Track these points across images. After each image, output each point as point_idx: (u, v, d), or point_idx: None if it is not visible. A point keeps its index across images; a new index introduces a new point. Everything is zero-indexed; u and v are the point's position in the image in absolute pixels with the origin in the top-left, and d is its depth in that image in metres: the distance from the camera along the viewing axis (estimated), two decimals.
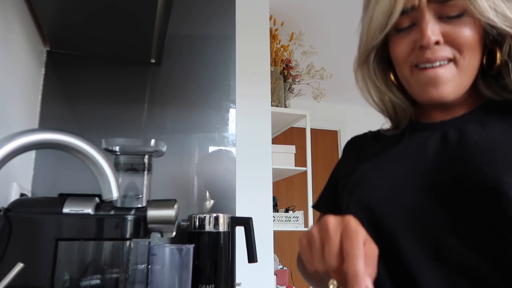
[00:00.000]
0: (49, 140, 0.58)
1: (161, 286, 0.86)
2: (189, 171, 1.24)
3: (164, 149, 0.83)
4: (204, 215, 1.06)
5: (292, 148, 2.37)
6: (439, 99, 0.57)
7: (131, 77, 1.24)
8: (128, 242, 0.75)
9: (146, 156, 0.83)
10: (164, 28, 1.07)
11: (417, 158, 0.58)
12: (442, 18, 0.56)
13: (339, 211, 0.68)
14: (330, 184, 0.78)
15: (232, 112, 1.32)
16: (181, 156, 1.23)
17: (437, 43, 0.55)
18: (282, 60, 2.41)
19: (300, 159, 2.43)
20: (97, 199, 0.77)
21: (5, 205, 0.73)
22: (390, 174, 0.59)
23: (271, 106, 2.10)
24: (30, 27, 1.00)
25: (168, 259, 0.87)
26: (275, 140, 2.41)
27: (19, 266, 0.54)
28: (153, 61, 1.25)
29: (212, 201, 1.19)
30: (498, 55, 0.57)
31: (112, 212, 0.76)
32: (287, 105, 2.44)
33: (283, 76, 2.42)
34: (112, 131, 1.18)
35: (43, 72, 1.15)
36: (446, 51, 0.56)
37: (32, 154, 1.09)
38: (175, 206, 0.80)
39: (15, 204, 0.75)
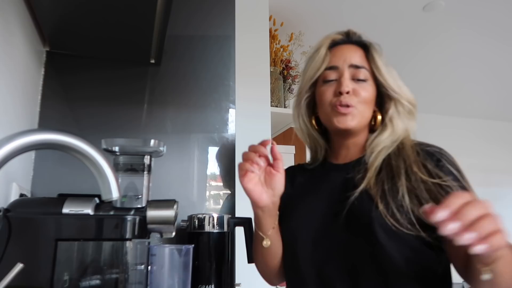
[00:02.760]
0: (49, 141, 0.58)
1: (161, 287, 0.86)
2: (189, 171, 1.24)
3: (163, 149, 0.83)
4: (204, 215, 1.06)
5: (291, 149, 2.37)
6: (346, 127, 0.83)
7: (130, 78, 1.24)
8: (127, 243, 0.75)
9: (146, 157, 0.83)
10: (163, 29, 1.07)
11: (328, 193, 0.83)
12: (354, 79, 0.84)
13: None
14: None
15: (232, 112, 1.32)
16: (180, 157, 1.23)
17: (347, 92, 0.82)
18: (281, 61, 2.41)
19: (299, 160, 2.43)
20: (96, 199, 0.77)
21: (5, 206, 0.74)
22: (309, 205, 0.84)
23: (271, 106, 2.10)
24: (29, 28, 1.00)
25: (167, 259, 0.87)
26: (275, 140, 2.40)
27: (19, 266, 0.54)
28: (152, 61, 1.25)
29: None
30: (378, 117, 0.86)
31: (111, 213, 0.76)
32: (286, 106, 2.44)
33: (283, 76, 2.42)
34: (112, 131, 1.18)
35: (42, 72, 1.15)
36: (352, 99, 0.82)
37: (31, 154, 1.09)
38: (175, 207, 0.80)
39: (15, 205, 0.75)
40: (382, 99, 0.87)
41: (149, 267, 0.85)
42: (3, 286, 0.53)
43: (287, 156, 2.34)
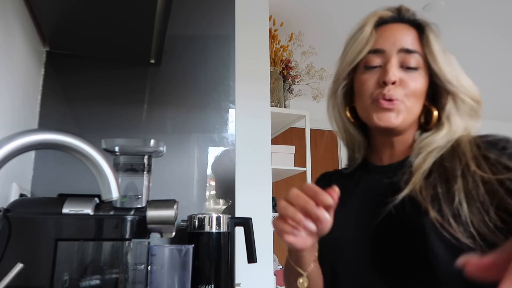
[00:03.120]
0: (49, 141, 0.58)
1: (161, 287, 0.86)
2: (189, 171, 1.24)
3: (163, 149, 0.83)
4: (204, 215, 1.06)
5: (291, 149, 2.37)
6: (387, 125, 0.70)
7: (130, 78, 1.24)
8: (127, 243, 0.75)
9: (146, 157, 0.83)
10: (163, 29, 1.07)
11: (369, 199, 0.71)
12: (402, 67, 0.70)
13: None
14: None
15: (232, 112, 1.32)
16: (180, 157, 1.23)
17: (393, 83, 0.69)
18: (281, 60, 2.41)
19: (299, 160, 2.43)
20: (96, 199, 0.77)
21: (5, 206, 0.73)
22: (348, 214, 0.71)
23: (271, 106, 2.10)
24: (29, 28, 1.00)
25: (167, 259, 0.87)
26: (275, 141, 2.41)
27: (19, 266, 0.54)
28: (152, 61, 1.25)
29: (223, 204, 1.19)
30: (435, 113, 0.72)
31: (111, 213, 0.76)
32: (286, 106, 2.44)
33: (283, 76, 2.42)
34: (112, 131, 1.18)
35: (42, 72, 1.15)
36: (398, 92, 0.69)
37: (31, 154, 1.09)
38: (175, 207, 0.80)
39: (15, 205, 0.75)
40: (437, 91, 0.72)
41: (149, 267, 0.85)
42: (3, 286, 0.53)
43: (287, 156, 2.35)
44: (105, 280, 0.75)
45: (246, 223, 1.08)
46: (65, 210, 0.73)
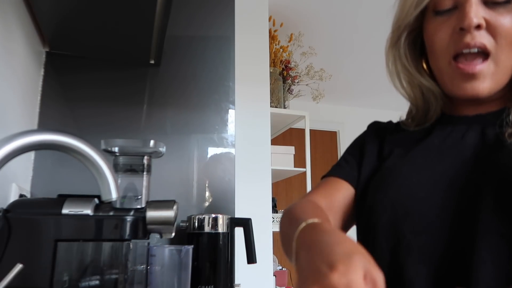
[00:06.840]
0: (48, 141, 0.58)
1: (160, 287, 0.86)
2: (188, 172, 1.24)
3: (163, 150, 0.83)
4: (203, 216, 1.06)
5: (291, 149, 2.37)
6: (473, 96, 0.54)
7: (130, 78, 1.24)
8: (127, 243, 0.75)
9: (145, 157, 0.83)
10: (163, 29, 1.07)
11: (455, 155, 0.54)
12: (487, 3, 0.53)
13: (357, 181, 0.64)
14: (353, 154, 0.69)
15: (231, 113, 1.32)
16: (180, 157, 1.24)
17: (478, 27, 0.52)
18: (281, 61, 2.41)
19: (299, 160, 2.43)
20: (96, 200, 0.77)
21: (4, 206, 0.73)
22: (427, 171, 0.55)
23: (270, 107, 2.11)
24: (29, 28, 1.00)
25: (167, 260, 0.87)
26: (274, 141, 2.41)
27: (18, 267, 0.54)
28: (152, 62, 1.25)
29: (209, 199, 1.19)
30: None
31: (111, 213, 0.76)
32: (286, 106, 2.44)
33: (282, 77, 2.42)
34: (111, 132, 1.18)
35: (42, 73, 1.15)
36: (485, 39, 0.52)
37: (31, 155, 1.09)
38: (174, 207, 0.80)
39: (14, 205, 0.75)
40: None
41: (149, 268, 0.85)
42: (2, 286, 0.53)
43: (286, 157, 2.35)
44: (105, 281, 0.75)
45: (246, 223, 1.08)
46: (65, 210, 0.73)
